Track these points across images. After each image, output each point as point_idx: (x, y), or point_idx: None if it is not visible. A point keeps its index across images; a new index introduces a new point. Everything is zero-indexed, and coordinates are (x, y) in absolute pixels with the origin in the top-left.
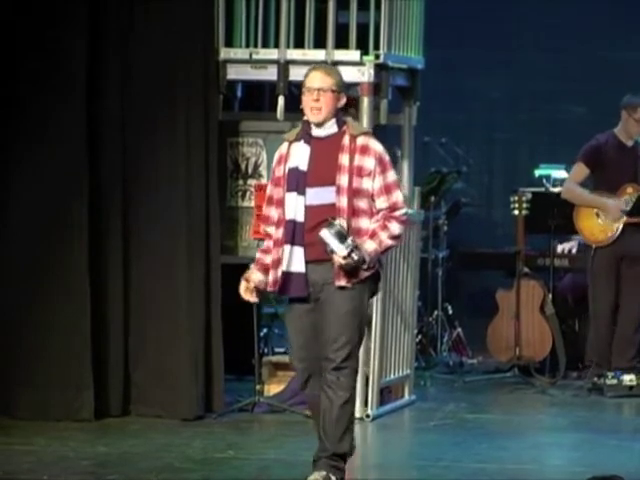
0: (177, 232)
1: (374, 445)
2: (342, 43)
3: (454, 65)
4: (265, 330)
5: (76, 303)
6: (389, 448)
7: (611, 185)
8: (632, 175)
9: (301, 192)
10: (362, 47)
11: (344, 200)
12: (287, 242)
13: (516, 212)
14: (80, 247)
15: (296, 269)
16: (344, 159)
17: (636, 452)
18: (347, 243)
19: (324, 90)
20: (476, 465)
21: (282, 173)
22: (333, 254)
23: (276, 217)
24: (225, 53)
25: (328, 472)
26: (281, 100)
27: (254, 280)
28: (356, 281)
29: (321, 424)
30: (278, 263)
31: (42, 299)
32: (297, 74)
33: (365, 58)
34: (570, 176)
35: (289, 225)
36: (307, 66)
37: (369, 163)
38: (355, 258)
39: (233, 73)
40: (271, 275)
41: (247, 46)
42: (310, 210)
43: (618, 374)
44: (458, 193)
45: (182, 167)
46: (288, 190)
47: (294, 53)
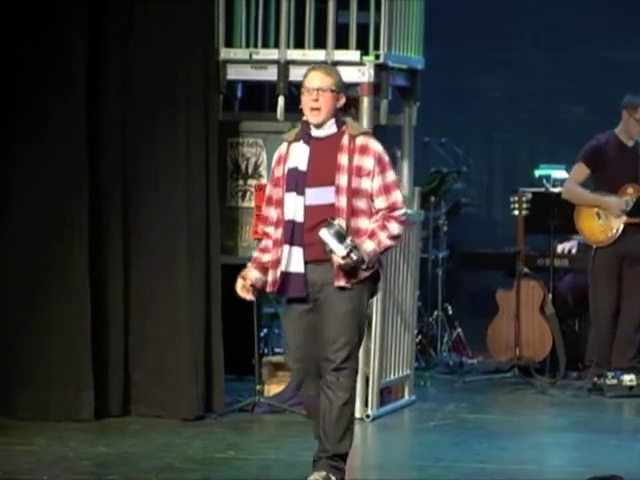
0: (177, 232)
1: (374, 445)
2: (342, 43)
3: (454, 65)
4: (265, 330)
5: (76, 303)
6: (389, 448)
7: (612, 185)
8: (633, 175)
9: (300, 192)
10: (362, 47)
11: (343, 200)
12: (286, 242)
13: (516, 212)
14: (80, 247)
15: (295, 269)
16: (343, 159)
17: (636, 452)
18: (346, 243)
19: (323, 90)
20: (476, 465)
21: (281, 173)
22: (332, 254)
23: (275, 217)
24: (225, 53)
25: (328, 472)
26: (281, 100)
27: (251, 278)
28: (355, 281)
29: (321, 425)
30: (277, 263)
31: (42, 299)
32: (297, 74)
33: (365, 58)
34: (570, 176)
35: (288, 225)
36: (307, 66)
37: (368, 163)
38: (354, 258)
39: (233, 73)
40: (270, 275)
41: (247, 46)
42: (309, 210)
43: (618, 374)
44: (458, 193)
45: (182, 167)
46: (287, 190)
47: (294, 53)
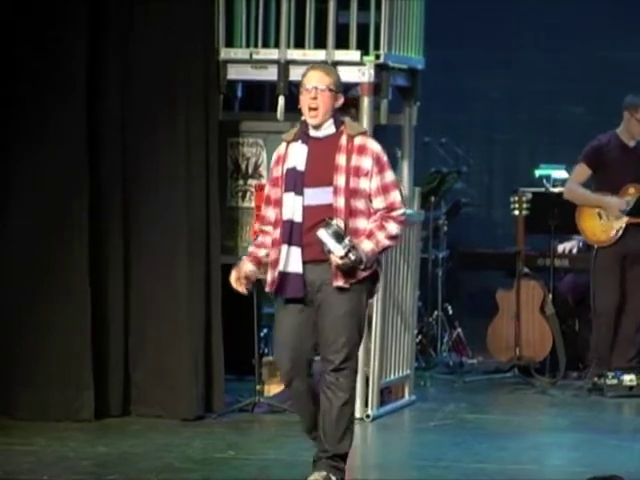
0: (177, 232)
1: (374, 445)
2: (342, 43)
3: (454, 65)
4: (265, 330)
5: (76, 303)
6: (389, 448)
7: (613, 186)
8: (634, 175)
9: (299, 192)
10: (362, 47)
11: (341, 200)
12: (284, 242)
13: (516, 212)
14: (80, 247)
15: (293, 269)
16: (341, 159)
17: (636, 452)
18: (344, 243)
19: (322, 89)
20: (476, 465)
21: (280, 173)
22: (330, 254)
23: (273, 217)
24: (225, 53)
25: (328, 472)
26: (281, 100)
27: (245, 270)
28: (354, 281)
29: (321, 425)
30: (275, 263)
31: (42, 299)
32: (297, 74)
33: (365, 58)
34: (572, 177)
35: (286, 225)
36: (307, 66)
37: (366, 163)
38: (352, 258)
39: (233, 73)
40: (269, 275)
41: (247, 46)
42: (308, 210)
43: (618, 374)
44: (458, 193)
45: (182, 167)
46: (286, 190)
47: (294, 53)
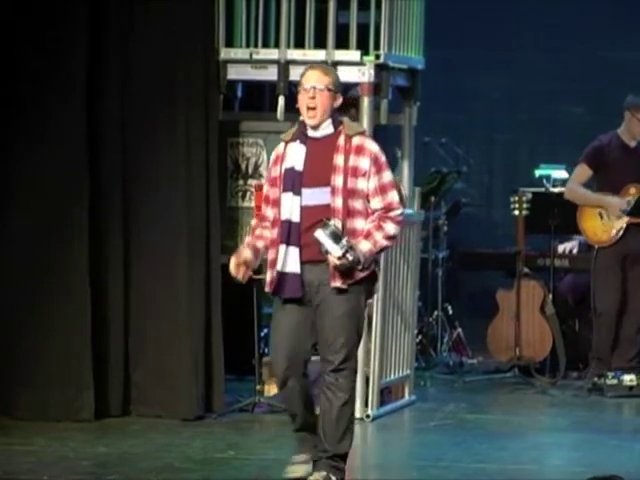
0: (177, 232)
1: (374, 445)
2: (342, 43)
3: (454, 65)
4: (265, 330)
5: (76, 303)
6: (389, 448)
7: (614, 186)
8: (635, 176)
9: (297, 192)
10: (362, 47)
11: (339, 201)
12: (282, 242)
13: (516, 212)
14: (80, 247)
15: (291, 269)
16: (339, 159)
17: (636, 452)
18: (342, 244)
19: (320, 89)
20: (476, 465)
21: (278, 173)
22: (328, 255)
23: (272, 217)
24: (225, 53)
25: (328, 472)
26: (281, 100)
27: (245, 256)
28: (351, 282)
29: (320, 425)
30: (274, 263)
31: (42, 299)
32: (297, 74)
33: (365, 58)
34: (573, 177)
35: (284, 225)
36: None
37: (364, 163)
38: (350, 259)
39: (233, 73)
40: (268, 275)
41: (247, 46)
42: (306, 210)
43: (618, 374)
44: (458, 193)
45: (182, 167)
46: (284, 190)
47: (294, 53)
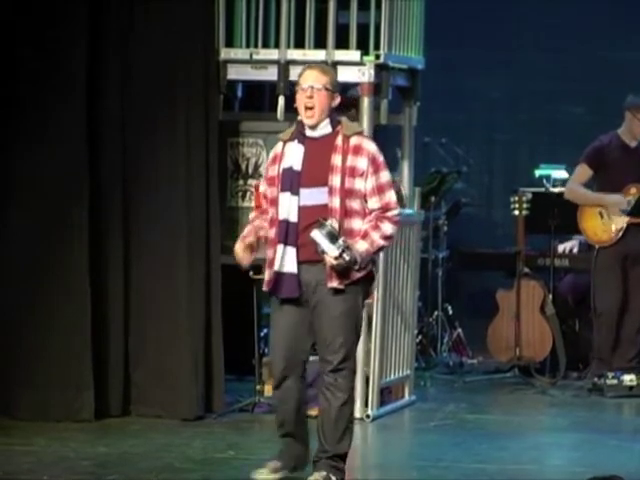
0: (177, 232)
1: (374, 445)
2: (342, 43)
3: (454, 65)
4: (265, 330)
5: (76, 303)
6: (389, 448)
7: (615, 186)
8: (636, 176)
9: (295, 192)
10: (362, 47)
11: (336, 201)
12: (280, 242)
13: (516, 212)
14: (80, 247)
15: (288, 269)
16: (337, 159)
17: (636, 452)
18: (338, 243)
19: (318, 88)
20: (476, 466)
21: (276, 172)
22: (324, 254)
23: (270, 215)
24: (225, 53)
25: (328, 472)
26: (281, 100)
27: (249, 240)
28: (348, 282)
29: (319, 425)
30: (272, 263)
31: (42, 299)
32: (297, 74)
33: (365, 58)
34: (573, 177)
35: (282, 225)
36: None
37: (362, 163)
38: (347, 258)
39: (233, 73)
40: (266, 274)
41: (247, 46)
42: (303, 210)
43: (618, 374)
44: (458, 193)
45: (182, 167)
46: (282, 190)
47: (294, 53)
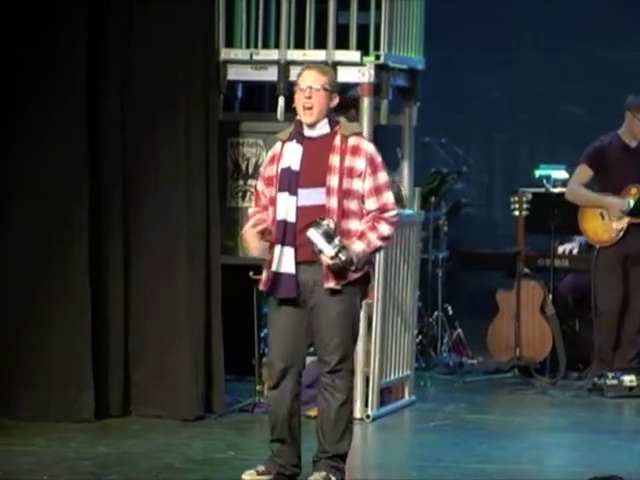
0: (177, 232)
1: (374, 445)
2: (342, 44)
3: (454, 65)
4: (265, 330)
5: (76, 303)
6: (389, 449)
7: (615, 186)
8: (636, 176)
9: (293, 192)
10: (362, 48)
11: (334, 201)
12: (278, 242)
13: (516, 212)
14: (80, 247)
15: (286, 270)
16: (335, 160)
17: (636, 452)
18: (334, 243)
19: (316, 89)
20: (476, 466)
21: (274, 172)
22: (320, 254)
23: (270, 214)
24: (225, 53)
25: (328, 473)
26: (281, 101)
27: (261, 227)
28: (345, 283)
29: (319, 425)
30: (269, 263)
31: (42, 299)
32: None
33: (365, 59)
34: (574, 178)
35: (280, 225)
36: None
37: (360, 164)
38: (343, 258)
39: (233, 73)
40: (264, 274)
41: (247, 47)
42: (302, 211)
43: (618, 374)
44: (458, 193)
45: (182, 167)
46: (280, 190)
47: (294, 54)
